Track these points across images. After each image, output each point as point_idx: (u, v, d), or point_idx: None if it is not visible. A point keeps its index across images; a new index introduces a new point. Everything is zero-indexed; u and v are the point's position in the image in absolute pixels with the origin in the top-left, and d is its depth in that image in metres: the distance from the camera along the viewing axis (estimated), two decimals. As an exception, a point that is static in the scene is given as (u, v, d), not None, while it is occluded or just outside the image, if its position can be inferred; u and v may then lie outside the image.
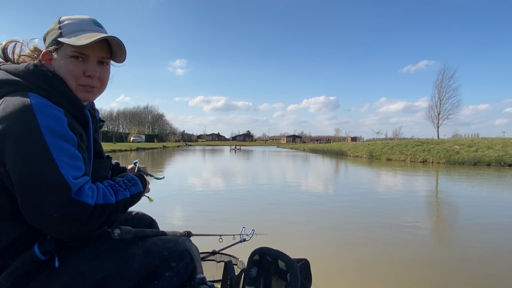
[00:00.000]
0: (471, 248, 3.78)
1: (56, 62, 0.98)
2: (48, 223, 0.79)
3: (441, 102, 39.75)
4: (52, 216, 0.78)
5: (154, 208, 1.28)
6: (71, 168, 0.83)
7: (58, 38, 0.97)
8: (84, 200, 0.82)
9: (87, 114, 0.99)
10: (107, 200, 0.89)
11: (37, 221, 0.80)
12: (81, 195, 0.82)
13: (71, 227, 0.81)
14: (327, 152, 35.32)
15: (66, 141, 0.84)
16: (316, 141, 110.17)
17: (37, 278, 0.87)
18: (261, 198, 7.05)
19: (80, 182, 0.83)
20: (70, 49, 0.96)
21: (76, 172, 0.84)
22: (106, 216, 0.88)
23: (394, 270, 3.05)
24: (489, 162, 18.45)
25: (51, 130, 0.82)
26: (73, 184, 0.81)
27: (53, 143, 0.81)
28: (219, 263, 1.76)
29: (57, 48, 0.97)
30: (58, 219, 0.79)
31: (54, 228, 0.81)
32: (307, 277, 1.02)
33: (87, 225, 0.83)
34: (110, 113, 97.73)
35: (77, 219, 0.81)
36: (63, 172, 0.80)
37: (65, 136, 0.85)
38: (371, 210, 5.80)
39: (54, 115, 0.85)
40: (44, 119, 0.83)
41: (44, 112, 0.84)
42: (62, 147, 0.83)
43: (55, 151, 0.81)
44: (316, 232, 4.31)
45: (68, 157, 0.83)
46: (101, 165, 1.05)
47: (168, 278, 0.95)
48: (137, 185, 1.03)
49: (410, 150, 23.95)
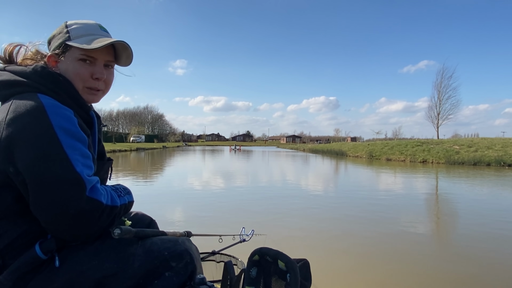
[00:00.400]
0: (472, 248, 3.78)
1: (63, 64, 1.00)
2: (63, 220, 0.81)
3: (440, 102, 39.81)
4: (68, 212, 0.80)
5: (154, 208, 1.29)
6: (84, 166, 0.85)
7: (67, 41, 0.99)
8: (98, 198, 0.85)
9: (93, 115, 1.02)
10: (114, 202, 0.92)
11: (50, 218, 0.82)
12: (95, 193, 0.85)
13: (83, 224, 0.84)
14: (327, 152, 35.32)
15: (78, 141, 0.87)
16: (316, 141, 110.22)
17: (38, 277, 0.87)
18: (261, 199, 7.04)
19: (93, 180, 0.86)
20: (79, 52, 0.99)
21: (88, 170, 0.87)
22: (112, 217, 0.90)
23: (395, 270, 3.05)
24: (489, 162, 18.47)
25: (64, 129, 0.85)
26: (88, 181, 0.84)
27: (67, 142, 0.84)
28: (219, 263, 1.76)
29: (64, 51, 1.00)
30: (73, 216, 0.81)
31: (67, 226, 0.83)
32: (307, 277, 1.02)
33: (97, 224, 0.86)
34: (110, 114, 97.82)
35: (90, 217, 0.84)
36: (78, 170, 0.83)
37: (77, 136, 0.87)
38: (371, 210, 5.79)
39: (66, 115, 0.87)
40: (56, 119, 0.85)
41: (56, 112, 0.86)
42: (75, 146, 0.85)
43: (69, 150, 0.83)
44: (316, 232, 4.31)
45: (81, 156, 0.86)
46: (102, 167, 1.07)
47: (168, 278, 0.96)
48: (130, 194, 1.07)
49: (410, 150, 23.96)
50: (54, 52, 1.01)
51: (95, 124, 1.02)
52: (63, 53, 1.00)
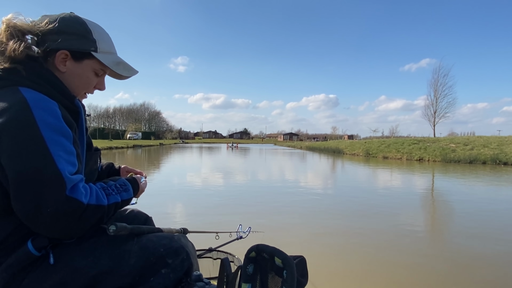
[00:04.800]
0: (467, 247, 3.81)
1: (72, 67, 0.97)
2: (39, 218, 0.78)
3: (437, 101, 40.05)
4: (44, 211, 0.77)
5: (150, 205, 1.28)
6: (67, 163, 0.82)
7: (93, 52, 0.98)
8: (78, 197, 0.81)
9: (78, 104, 0.97)
10: (100, 202, 0.88)
11: (27, 216, 0.79)
12: (76, 192, 0.81)
13: (61, 224, 0.80)
14: (323, 150, 35.38)
15: (62, 136, 0.84)
16: (313, 139, 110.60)
17: (32, 274, 0.86)
18: (258, 196, 7.05)
19: (75, 179, 0.82)
20: (99, 67, 1.02)
21: (71, 167, 0.83)
22: (97, 217, 0.86)
23: (390, 267, 3.07)
24: (485, 161, 18.57)
25: (47, 124, 0.81)
26: (68, 180, 0.80)
27: (50, 138, 0.80)
28: (215, 260, 1.76)
29: (83, 57, 0.98)
30: (50, 215, 0.78)
31: (44, 224, 0.79)
32: (304, 274, 1.02)
33: (78, 224, 0.82)
34: (107, 110, 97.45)
35: (69, 217, 0.80)
36: (60, 167, 0.79)
37: (61, 131, 0.84)
38: (368, 208, 5.82)
39: (50, 109, 0.84)
40: (40, 113, 0.81)
41: (40, 106, 0.82)
42: (59, 142, 0.82)
43: (52, 146, 0.80)
44: (313, 229, 4.32)
45: (64, 152, 0.82)
46: (91, 158, 1.04)
47: (164, 275, 0.95)
48: (128, 191, 1.02)
49: (406, 148, 24.05)
50: (72, 50, 0.96)
51: (82, 113, 0.97)
52: (82, 58, 0.98)
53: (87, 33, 0.98)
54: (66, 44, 0.95)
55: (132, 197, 1.04)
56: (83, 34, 0.97)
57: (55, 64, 0.95)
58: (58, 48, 0.94)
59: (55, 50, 0.94)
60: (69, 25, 0.96)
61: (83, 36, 0.97)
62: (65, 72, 0.96)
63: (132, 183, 1.06)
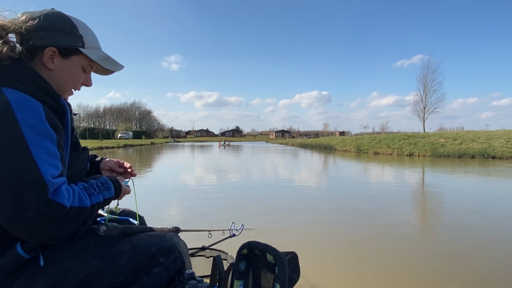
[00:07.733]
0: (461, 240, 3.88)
1: (60, 64, 0.95)
2: (21, 223, 0.76)
3: (426, 96, 40.60)
4: (26, 215, 0.75)
5: (141, 204, 1.27)
6: (50, 166, 0.80)
7: (80, 48, 0.97)
8: (61, 201, 0.79)
9: (64, 103, 0.94)
10: (83, 203, 0.86)
11: (9, 221, 0.77)
12: (58, 195, 0.79)
13: (43, 228, 0.78)
14: (315, 147, 35.57)
15: (45, 138, 0.81)
16: (305, 135, 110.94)
17: (22, 277, 0.85)
18: (250, 193, 7.06)
19: (57, 182, 0.80)
20: (87, 63, 1.01)
21: (54, 171, 0.81)
22: (81, 219, 0.85)
23: (382, 263, 3.11)
24: (473, 155, 18.92)
25: (30, 126, 0.79)
26: (50, 183, 0.78)
27: (33, 140, 0.78)
28: (208, 258, 1.76)
29: (70, 53, 0.97)
30: (32, 220, 0.76)
31: (26, 229, 0.77)
32: (295, 270, 1.03)
33: (60, 227, 0.80)
34: (97, 110, 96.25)
35: (51, 221, 0.78)
36: (42, 171, 0.77)
37: (44, 133, 0.82)
38: (360, 204, 5.88)
39: (34, 110, 0.82)
40: (23, 115, 0.79)
41: (22, 108, 0.80)
42: (41, 145, 0.80)
43: (34, 149, 0.78)
44: (305, 226, 4.35)
45: (47, 155, 0.80)
46: (78, 157, 1.02)
47: (157, 274, 0.95)
48: (110, 190, 0.99)
49: (397, 144, 24.35)
50: (60, 46, 0.94)
51: (67, 113, 0.94)
52: (69, 54, 0.96)
53: (73, 29, 0.96)
54: (53, 41, 0.93)
55: (114, 196, 1.01)
56: (69, 30, 0.96)
57: (43, 62, 0.93)
58: (45, 45, 0.92)
59: (41, 47, 0.92)
60: (54, 22, 0.94)
61: (69, 32, 0.96)
62: (53, 69, 0.94)
63: (114, 182, 1.02)
